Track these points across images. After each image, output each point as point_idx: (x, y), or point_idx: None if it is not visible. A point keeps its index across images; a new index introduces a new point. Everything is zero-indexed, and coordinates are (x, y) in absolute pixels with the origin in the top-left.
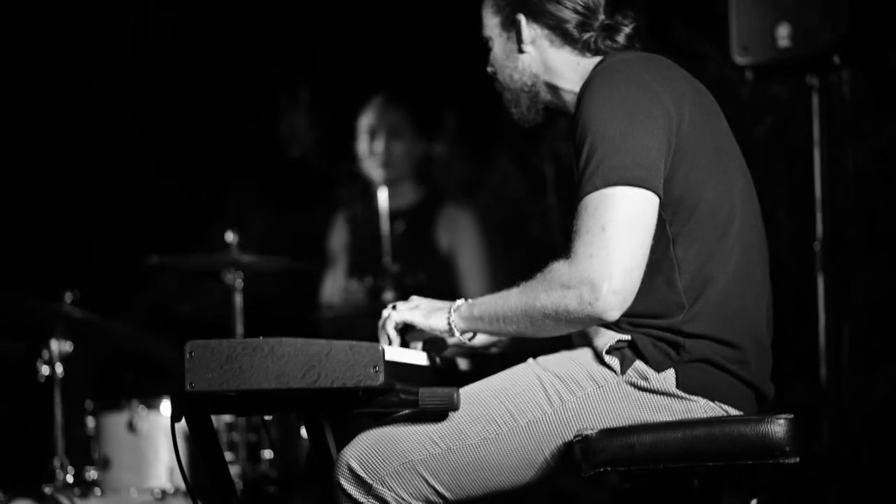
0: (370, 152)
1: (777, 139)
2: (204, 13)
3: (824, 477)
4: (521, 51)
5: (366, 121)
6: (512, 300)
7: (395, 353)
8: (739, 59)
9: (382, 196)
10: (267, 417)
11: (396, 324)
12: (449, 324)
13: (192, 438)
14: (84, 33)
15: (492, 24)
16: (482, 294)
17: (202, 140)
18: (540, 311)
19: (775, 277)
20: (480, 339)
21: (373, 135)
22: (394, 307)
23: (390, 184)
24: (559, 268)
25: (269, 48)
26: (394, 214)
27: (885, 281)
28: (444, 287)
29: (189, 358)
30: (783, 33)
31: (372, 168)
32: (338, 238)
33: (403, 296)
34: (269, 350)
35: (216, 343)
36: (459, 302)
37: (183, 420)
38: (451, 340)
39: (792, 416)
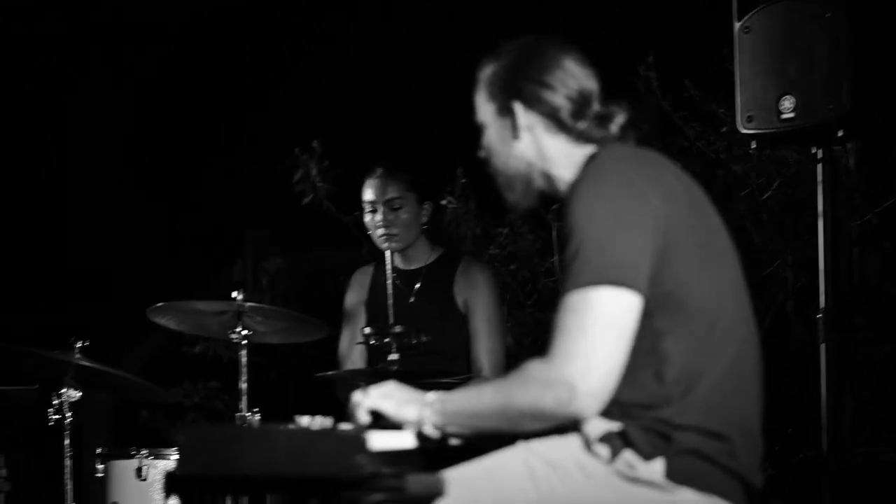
0: (373, 226)
1: (785, 200)
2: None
3: None
4: (516, 137)
5: (366, 196)
6: (487, 397)
7: (382, 438)
8: (744, 129)
9: (388, 259)
10: None
11: (368, 410)
12: (420, 417)
13: None
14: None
15: (487, 110)
16: (492, 353)
17: (218, 186)
18: (516, 409)
19: (783, 335)
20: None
21: (374, 209)
22: (366, 392)
23: (401, 250)
24: (536, 366)
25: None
26: (410, 275)
27: (887, 348)
28: (456, 347)
29: (181, 442)
30: (787, 105)
31: (377, 240)
32: (355, 296)
33: (407, 357)
34: (256, 437)
35: (206, 428)
36: (432, 396)
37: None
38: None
39: None
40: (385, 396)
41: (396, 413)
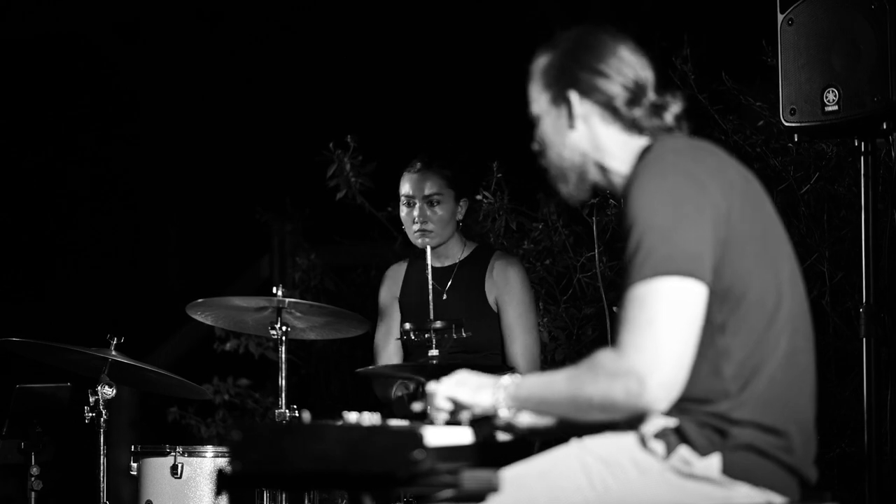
0: (409, 220)
1: (823, 194)
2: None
3: None
4: (572, 126)
5: (403, 189)
6: (558, 385)
7: (437, 433)
8: (787, 122)
9: (428, 256)
10: None
11: (446, 398)
12: (495, 402)
13: None
14: None
15: (541, 100)
16: (526, 351)
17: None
18: (586, 400)
19: (820, 330)
20: (525, 422)
21: (410, 204)
22: (440, 381)
23: (435, 247)
24: (606, 357)
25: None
26: (443, 272)
27: None
28: (489, 344)
29: (234, 439)
30: (831, 98)
31: (412, 235)
32: (389, 292)
33: (447, 352)
34: (310, 434)
35: (259, 425)
36: (506, 380)
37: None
38: (497, 420)
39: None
40: (459, 384)
41: (471, 399)
